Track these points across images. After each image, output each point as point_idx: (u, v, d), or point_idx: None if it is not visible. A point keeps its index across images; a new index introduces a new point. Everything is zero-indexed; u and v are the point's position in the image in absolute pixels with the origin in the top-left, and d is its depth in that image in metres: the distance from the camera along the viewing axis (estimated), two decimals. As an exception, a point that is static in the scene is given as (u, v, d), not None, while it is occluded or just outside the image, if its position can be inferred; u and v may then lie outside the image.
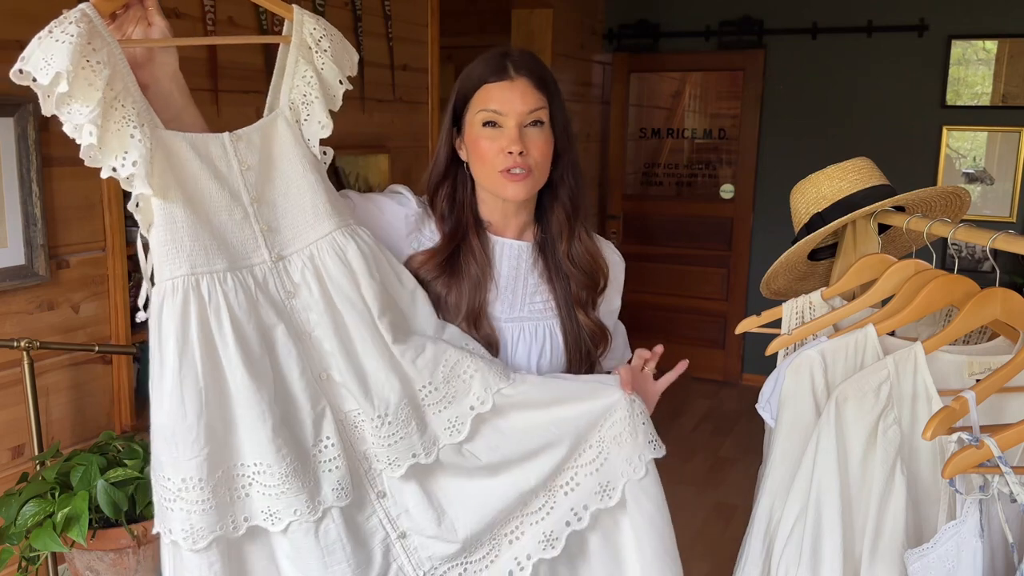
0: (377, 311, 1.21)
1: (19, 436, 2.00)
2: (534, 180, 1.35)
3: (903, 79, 4.82)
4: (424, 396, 1.24)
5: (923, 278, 1.35)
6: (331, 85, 1.25)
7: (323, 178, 1.24)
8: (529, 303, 1.41)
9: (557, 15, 4.60)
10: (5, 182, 1.92)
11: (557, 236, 1.42)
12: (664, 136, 5.61)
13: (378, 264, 1.24)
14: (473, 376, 1.26)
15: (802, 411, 1.35)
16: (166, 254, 1.09)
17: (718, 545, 3.45)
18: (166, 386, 1.08)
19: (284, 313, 1.17)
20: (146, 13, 1.15)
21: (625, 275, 1.53)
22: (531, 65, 1.34)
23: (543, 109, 1.33)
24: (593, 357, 1.44)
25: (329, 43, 1.24)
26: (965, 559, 1.10)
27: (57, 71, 1.00)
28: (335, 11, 2.95)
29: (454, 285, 1.36)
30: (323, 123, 1.24)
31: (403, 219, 1.39)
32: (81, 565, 1.82)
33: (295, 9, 1.24)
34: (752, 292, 5.28)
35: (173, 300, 1.08)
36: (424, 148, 3.52)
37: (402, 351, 1.22)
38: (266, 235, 1.18)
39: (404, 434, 1.20)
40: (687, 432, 4.67)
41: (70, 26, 1.02)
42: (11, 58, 1.03)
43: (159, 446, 1.10)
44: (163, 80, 1.17)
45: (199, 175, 1.13)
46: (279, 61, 1.24)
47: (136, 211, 1.11)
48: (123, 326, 2.20)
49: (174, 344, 1.07)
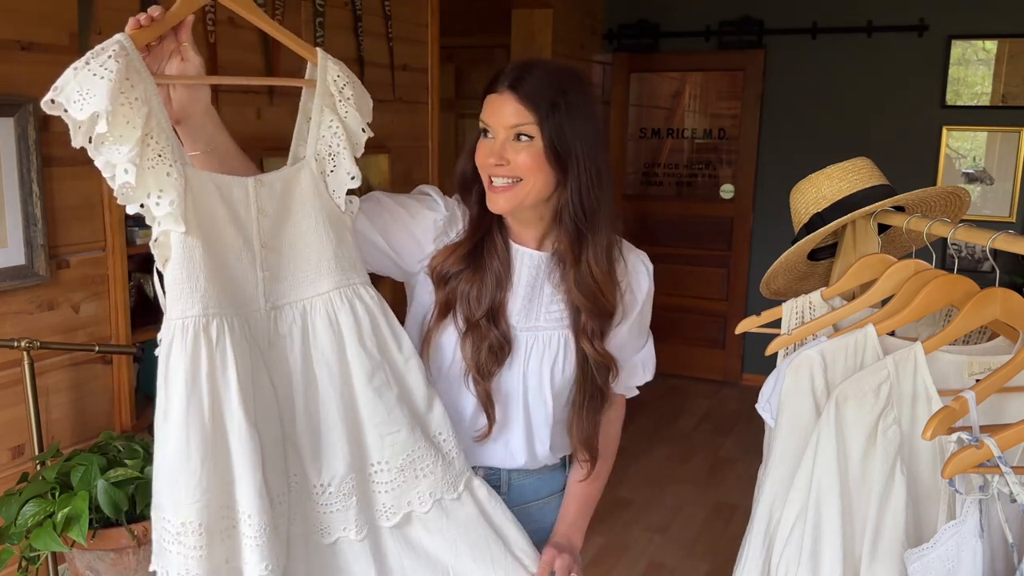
0: (365, 376, 1.21)
1: (19, 436, 2.00)
2: (518, 192, 1.31)
3: (903, 79, 4.82)
4: (374, 472, 1.25)
5: (923, 278, 1.35)
6: (355, 133, 1.24)
7: (338, 233, 1.23)
8: (546, 312, 1.40)
9: (557, 15, 4.60)
10: (5, 182, 1.92)
11: (564, 260, 1.38)
12: (664, 136, 5.62)
13: (375, 328, 1.24)
14: (427, 476, 1.27)
15: (802, 411, 1.35)
16: (180, 292, 1.07)
17: (718, 545, 3.45)
18: (171, 427, 1.06)
19: (268, 362, 1.17)
20: (179, 47, 1.13)
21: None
22: (520, 80, 1.30)
23: (527, 125, 1.29)
24: (599, 383, 1.42)
25: (352, 91, 1.22)
26: (965, 559, 1.10)
27: (95, 110, 0.97)
28: (335, 11, 2.95)
29: (476, 280, 1.35)
30: (352, 174, 1.23)
31: (432, 224, 1.37)
32: (81, 565, 1.82)
33: (319, 53, 1.22)
34: (752, 292, 5.28)
35: (184, 339, 1.07)
36: (424, 148, 3.52)
37: (377, 422, 1.23)
38: (267, 283, 1.17)
39: (341, 507, 1.22)
40: (687, 432, 4.67)
41: (109, 60, 0.99)
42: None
43: (160, 486, 1.09)
44: (196, 115, 1.15)
45: (218, 216, 1.12)
46: (303, 106, 1.23)
47: (154, 245, 1.09)
48: (123, 326, 2.20)
49: (183, 384, 1.06)
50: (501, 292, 1.36)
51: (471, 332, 1.36)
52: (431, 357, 1.38)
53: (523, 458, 1.43)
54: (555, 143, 1.29)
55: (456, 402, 1.39)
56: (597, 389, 1.42)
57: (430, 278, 1.38)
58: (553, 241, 1.41)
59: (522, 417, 1.41)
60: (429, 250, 1.37)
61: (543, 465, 1.48)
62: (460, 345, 1.37)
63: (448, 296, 1.36)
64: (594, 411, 1.43)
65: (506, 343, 1.36)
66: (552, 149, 1.30)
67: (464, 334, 1.36)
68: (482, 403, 1.37)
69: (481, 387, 1.36)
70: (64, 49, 2.03)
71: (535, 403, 1.41)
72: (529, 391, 1.40)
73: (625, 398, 1.59)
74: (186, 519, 1.06)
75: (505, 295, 1.37)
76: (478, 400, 1.37)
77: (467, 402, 1.39)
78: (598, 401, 1.43)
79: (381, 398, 1.23)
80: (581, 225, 1.35)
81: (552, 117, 1.29)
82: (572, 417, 1.43)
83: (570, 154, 1.31)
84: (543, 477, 1.49)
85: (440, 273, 1.36)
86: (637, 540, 3.49)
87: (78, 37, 2.06)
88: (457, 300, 1.35)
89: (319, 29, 2.86)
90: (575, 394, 1.42)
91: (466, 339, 1.36)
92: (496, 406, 1.38)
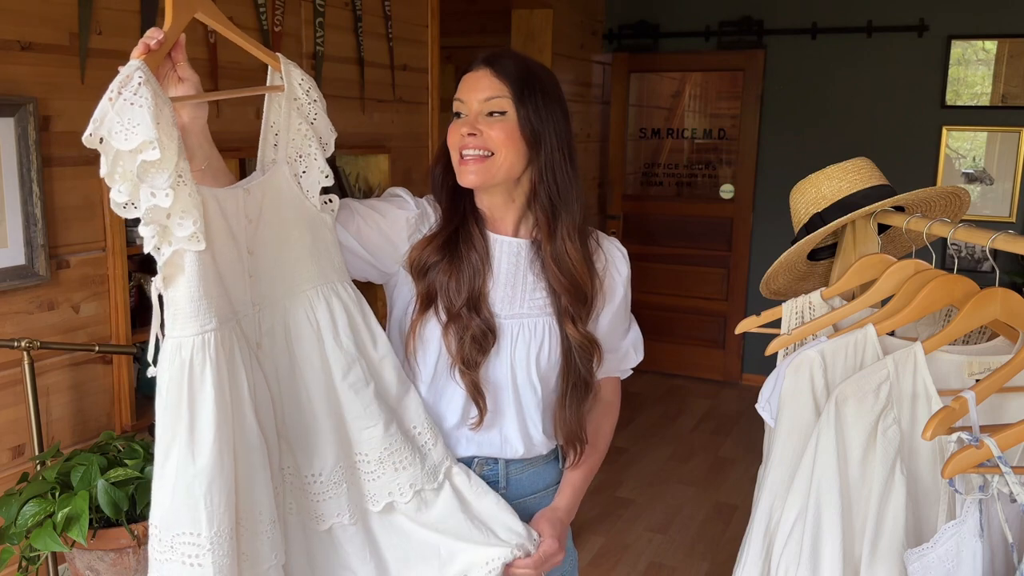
0: (340, 372, 1.25)
1: (19, 436, 2.00)
2: (491, 165, 1.35)
3: (903, 79, 4.82)
4: (359, 461, 1.29)
5: (923, 278, 1.35)
6: (324, 133, 1.27)
7: (315, 232, 1.26)
8: (530, 299, 1.42)
9: (557, 15, 4.60)
10: (5, 182, 1.92)
11: (540, 236, 1.41)
12: (664, 136, 5.62)
13: (352, 324, 1.28)
14: (405, 469, 1.30)
15: (802, 411, 1.35)
16: (197, 309, 1.07)
17: (718, 545, 3.45)
18: (203, 443, 1.06)
19: (260, 362, 1.19)
20: (175, 67, 1.13)
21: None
22: (501, 59, 1.36)
23: (503, 99, 1.34)
24: (584, 367, 1.43)
25: (317, 93, 1.25)
26: (965, 559, 1.10)
27: (145, 139, 0.97)
28: (335, 11, 2.95)
29: (454, 270, 1.37)
30: (324, 171, 1.26)
31: (404, 222, 1.40)
32: (81, 565, 1.82)
33: (281, 59, 1.24)
34: (752, 292, 5.28)
35: (206, 353, 1.07)
36: (424, 148, 3.52)
37: (354, 416, 1.27)
38: (252, 286, 1.20)
39: (334, 494, 1.26)
40: (687, 432, 4.67)
41: (141, 87, 0.98)
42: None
43: (180, 505, 1.07)
44: (196, 133, 1.16)
45: (219, 231, 1.14)
46: (266, 112, 1.24)
47: (164, 265, 1.07)
48: (123, 326, 2.21)
49: (212, 398, 1.06)
50: (480, 280, 1.38)
51: (453, 322, 1.37)
52: (418, 351, 1.39)
53: (520, 445, 1.44)
54: (529, 118, 1.34)
55: (448, 394, 1.40)
56: (581, 379, 1.43)
57: (409, 272, 1.40)
58: (531, 227, 1.43)
59: (514, 405, 1.42)
60: (404, 248, 1.40)
61: (539, 455, 1.49)
62: (443, 337, 1.38)
63: (428, 287, 1.38)
64: (578, 401, 1.44)
65: (489, 332, 1.37)
66: (526, 124, 1.34)
67: (446, 325, 1.37)
68: (471, 394, 1.38)
69: (468, 378, 1.37)
70: (64, 49, 2.04)
71: (525, 390, 1.42)
72: (518, 378, 1.41)
73: (620, 380, 1.61)
74: (219, 527, 1.07)
75: (485, 283, 1.39)
76: (467, 391, 1.38)
77: (458, 393, 1.40)
78: (581, 391, 1.44)
79: (357, 394, 1.27)
80: (555, 199, 1.39)
81: (526, 93, 1.34)
82: (556, 409, 1.44)
83: (543, 131, 1.36)
84: (539, 471, 1.50)
85: (418, 265, 1.38)
86: (637, 540, 3.49)
87: (78, 37, 2.06)
88: (437, 291, 1.37)
89: (319, 29, 2.86)
90: (560, 382, 1.43)
91: (448, 330, 1.37)
92: (487, 396, 1.39)
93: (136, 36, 2.21)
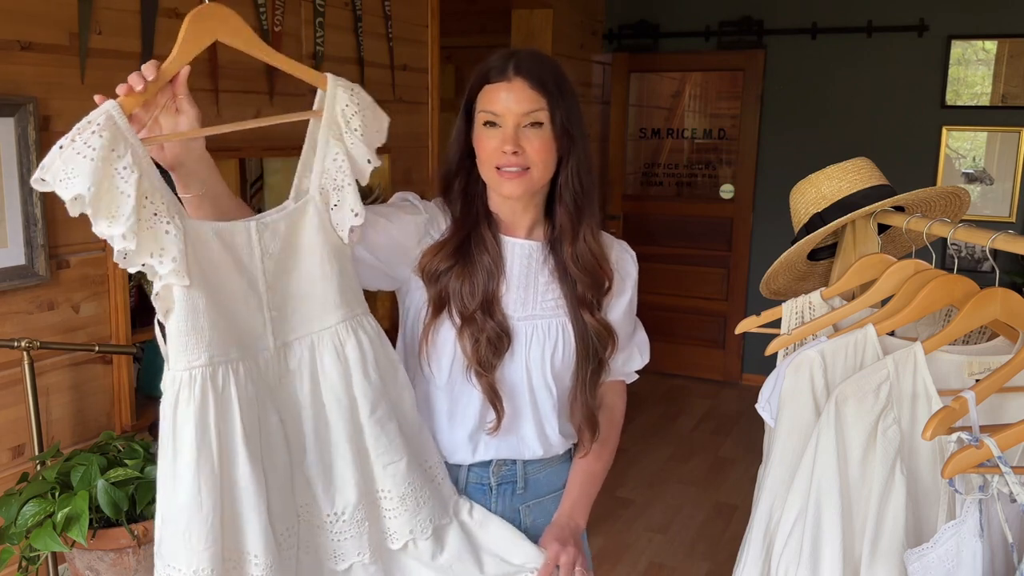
0: (368, 408, 1.23)
1: (19, 436, 2.00)
2: (530, 179, 1.35)
3: (903, 79, 4.82)
4: (381, 499, 1.27)
5: (923, 278, 1.35)
6: (360, 165, 1.24)
7: (342, 266, 1.24)
8: (542, 300, 1.42)
9: (557, 15, 4.60)
10: (5, 182, 1.92)
11: (563, 237, 1.42)
12: (664, 136, 5.62)
13: (376, 359, 1.26)
14: (426, 503, 1.30)
15: (802, 411, 1.35)
16: (186, 344, 1.07)
17: (718, 545, 3.45)
18: (182, 478, 1.06)
19: (277, 400, 1.18)
20: (175, 100, 1.11)
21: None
22: (531, 66, 1.34)
23: (541, 111, 1.33)
24: (600, 356, 1.44)
25: (360, 121, 1.21)
26: (965, 559, 1.10)
27: (77, 193, 0.96)
28: (335, 11, 2.95)
29: (467, 275, 1.36)
30: (356, 210, 1.22)
31: (414, 227, 1.39)
32: (81, 565, 1.82)
33: (330, 80, 1.20)
34: (752, 292, 5.28)
35: (191, 390, 1.07)
36: (424, 148, 3.52)
37: (380, 452, 1.25)
38: (275, 322, 1.18)
39: (356, 533, 1.24)
40: (687, 432, 4.67)
41: (93, 137, 0.97)
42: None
43: (168, 534, 1.08)
44: (189, 162, 1.14)
45: (221, 265, 1.12)
46: (309, 136, 1.22)
47: (156, 298, 1.08)
48: (123, 326, 2.20)
49: (192, 435, 1.06)
50: (494, 284, 1.38)
51: (467, 326, 1.37)
52: (432, 356, 1.39)
53: (538, 446, 1.44)
54: (563, 124, 1.35)
55: (464, 399, 1.40)
56: (599, 362, 1.44)
57: (420, 278, 1.39)
58: (544, 228, 1.44)
59: (530, 406, 1.42)
60: (415, 253, 1.39)
61: (555, 455, 1.49)
62: (459, 340, 1.37)
63: (440, 293, 1.37)
64: (595, 384, 1.45)
65: (504, 334, 1.37)
66: (562, 132, 1.35)
67: (461, 329, 1.37)
68: (488, 397, 1.37)
69: (485, 380, 1.37)
70: (64, 49, 2.04)
71: (540, 391, 1.42)
72: (534, 380, 1.41)
73: (625, 386, 1.61)
74: (199, 566, 1.07)
75: (498, 287, 1.39)
76: (483, 395, 1.38)
77: (475, 397, 1.40)
78: (598, 374, 1.46)
79: (383, 429, 1.25)
80: (580, 200, 1.40)
81: (560, 100, 1.34)
82: (575, 391, 1.44)
83: (574, 134, 1.37)
84: (555, 470, 1.50)
85: (429, 271, 1.37)
86: (637, 540, 3.49)
87: (78, 37, 2.06)
88: (450, 296, 1.37)
89: (319, 29, 2.86)
90: (578, 368, 1.43)
91: (463, 333, 1.37)
92: (504, 399, 1.38)
93: (136, 36, 2.22)
